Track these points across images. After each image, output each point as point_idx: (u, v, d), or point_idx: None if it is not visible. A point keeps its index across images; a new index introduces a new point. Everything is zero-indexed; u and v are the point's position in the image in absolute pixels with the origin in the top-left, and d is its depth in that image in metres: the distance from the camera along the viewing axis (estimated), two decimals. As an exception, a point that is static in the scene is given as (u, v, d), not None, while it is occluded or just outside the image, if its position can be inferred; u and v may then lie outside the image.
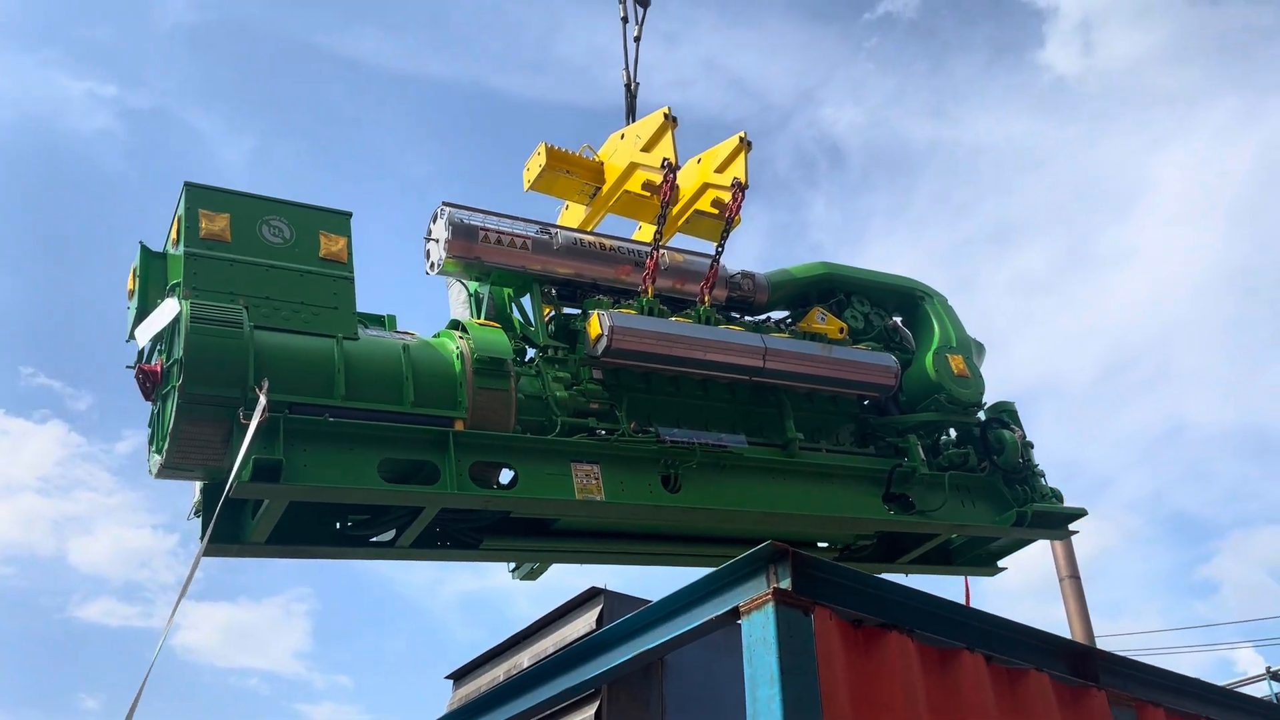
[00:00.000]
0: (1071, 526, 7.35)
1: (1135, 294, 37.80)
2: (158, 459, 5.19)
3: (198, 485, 5.52)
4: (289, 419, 5.02)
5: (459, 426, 5.44)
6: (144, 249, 5.61)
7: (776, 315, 7.37)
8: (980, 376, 7.39)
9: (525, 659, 6.35)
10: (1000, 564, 7.71)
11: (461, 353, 5.65)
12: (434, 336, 5.95)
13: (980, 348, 7.75)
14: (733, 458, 6.20)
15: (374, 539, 5.76)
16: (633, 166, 6.83)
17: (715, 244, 6.66)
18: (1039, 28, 38.28)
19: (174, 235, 5.53)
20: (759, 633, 2.89)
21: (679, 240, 7.21)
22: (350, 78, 36.69)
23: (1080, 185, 37.46)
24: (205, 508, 5.33)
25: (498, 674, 6.60)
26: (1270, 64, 35.58)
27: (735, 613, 3.05)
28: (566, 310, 6.56)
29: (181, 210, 5.41)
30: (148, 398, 5.23)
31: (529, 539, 6.07)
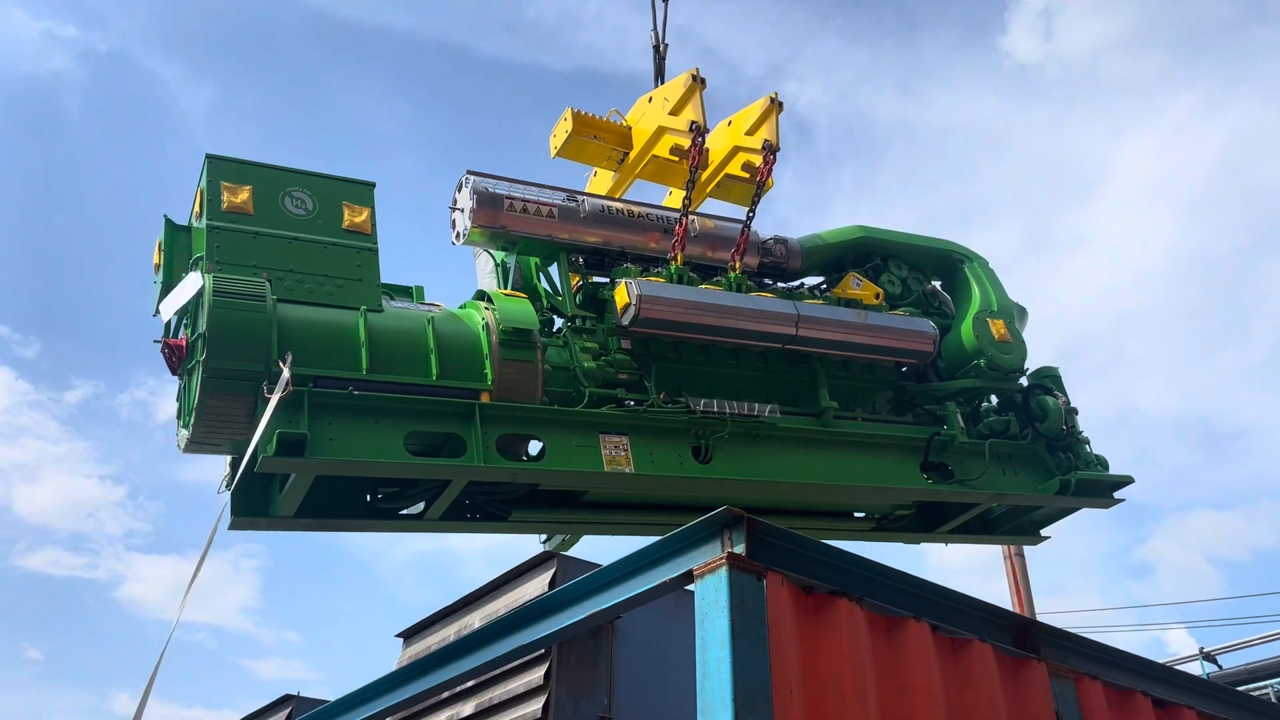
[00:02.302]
0: (1118, 494, 7.13)
1: (1092, 279, 37.31)
2: (185, 434, 5.20)
3: (227, 459, 5.53)
4: (313, 393, 4.98)
5: (485, 399, 5.38)
6: (168, 223, 5.58)
7: (810, 281, 7.20)
8: (1022, 341, 7.17)
9: (477, 619, 6.32)
10: (1043, 532, 7.54)
11: (487, 324, 5.57)
12: (460, 308, 5.87)
13: (1023, 312, 7.51)
14: (765, 427, 6.08)
15: (403, 511, 5.74)
16: (661, 131, 6.66)
17: (746, 209, 6.49)
18: (1002, 12, 37.40)
19: (197, 208, 5.51)
20: (712, 595, 2.93)
21: (709, 205, 7.06)
22: (315, 28, 35.94)
23: (1043, 170, 36.82)
24: (233, 481, 5.33)
25: (448, 633, 6.57)
26: (1232, 55, 34.58)
27: (689, 576, 3.07)
28: (594, 279, 6.45)
29: (204, 183, 5.38)
30: (174, 372, 5.22)
31: (558, 510, 6.00)
